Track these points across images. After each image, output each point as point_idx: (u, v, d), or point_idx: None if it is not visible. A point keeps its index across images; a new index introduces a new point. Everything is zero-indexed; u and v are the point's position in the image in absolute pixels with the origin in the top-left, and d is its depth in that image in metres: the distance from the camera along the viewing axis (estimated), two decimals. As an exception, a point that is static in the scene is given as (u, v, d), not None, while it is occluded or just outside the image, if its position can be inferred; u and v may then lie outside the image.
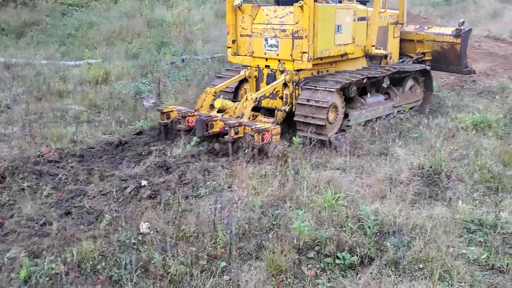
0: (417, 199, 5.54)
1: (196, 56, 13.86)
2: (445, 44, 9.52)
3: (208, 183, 5.86)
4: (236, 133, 6.70)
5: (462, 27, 9.25)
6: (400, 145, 7.21)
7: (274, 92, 7.73)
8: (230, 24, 8.04)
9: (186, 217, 4.96)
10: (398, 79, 8.77)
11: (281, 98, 7.69)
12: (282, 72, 7.58)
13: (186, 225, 4.76)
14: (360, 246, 4.39)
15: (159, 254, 4.17)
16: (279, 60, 7.61)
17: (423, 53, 9.80)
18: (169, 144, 7.36)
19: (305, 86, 7.38)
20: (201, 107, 7.72)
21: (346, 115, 7.55)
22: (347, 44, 7.80)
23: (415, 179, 5.99)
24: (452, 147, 6.87)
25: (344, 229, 4.69)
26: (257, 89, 7.91)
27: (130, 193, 5.74)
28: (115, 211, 5.24)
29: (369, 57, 8.72)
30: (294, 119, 7.33)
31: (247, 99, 7.22)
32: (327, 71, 8.01)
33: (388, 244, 4.47)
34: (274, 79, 7.70)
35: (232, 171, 6.14)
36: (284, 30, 7.49)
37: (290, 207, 5.19)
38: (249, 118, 7.32)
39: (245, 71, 8.05)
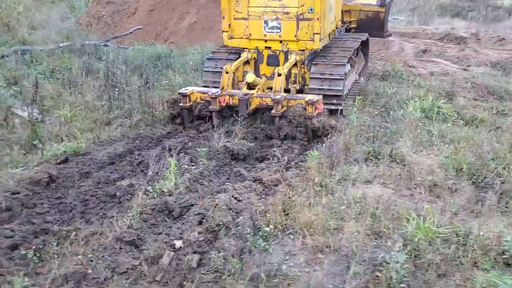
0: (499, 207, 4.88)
1: (38, 47, 11.25)
2: (370, 13, 10.62)
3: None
4: (282, 107, 6.93)
5: None
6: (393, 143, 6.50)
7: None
8: (225, 9, 8.01)
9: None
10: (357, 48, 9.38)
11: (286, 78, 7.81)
12: (285, 52, 7.86)
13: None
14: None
15: None
16: (281, 41, 7.86)
17: (350, 22, 10.63)
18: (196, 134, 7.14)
19: (316, 62, 7.81)
20: (226, 86, 7.47)
21: None
22: (333, 21, 8.62)
23: (456, 184, 5.34)
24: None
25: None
26: (256, 70, 8.09)
27: (170, 263, 3.75)
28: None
29: None
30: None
31: (279, 75, 7.33)
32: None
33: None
34: (276, 59, 7.98)
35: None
36: (287, 13, 7.72)
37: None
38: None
39: (247, 53, 8.08)
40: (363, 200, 4.77)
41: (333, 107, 7.56)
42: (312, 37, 7.60)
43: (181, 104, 7.35)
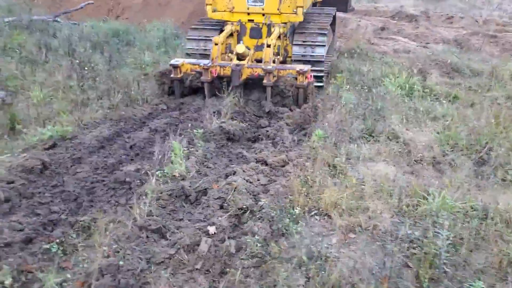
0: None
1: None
2: None
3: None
4: (274, 77, 7.13)
5: None
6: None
7: (260, 44, 8.17)
8: None
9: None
10: None
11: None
12: (268, 25, 8.10)
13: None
14: None
15: None
16: (263, 14, 8.06)
17: None
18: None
19: (298, 31, 8.20)
20: (216, 57, 7.49)
21: None
22: None
23: (455, 159, 5.53)
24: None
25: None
26: (238, 42, 7.97)
27: (209, 250, 3.63)
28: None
29: None
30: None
31: (268, 46, 7.46)
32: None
33: None
34: (259, 32, 8.19)
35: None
36: None
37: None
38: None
39: (230, 26, 8.14)
40: (377, 179, 4.82)
41: (315, 73, 7.81)
42: (295, 10, 7.88)
43: (172, 76, 7.40)
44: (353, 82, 8.27)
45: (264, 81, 7.06)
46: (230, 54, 7.94)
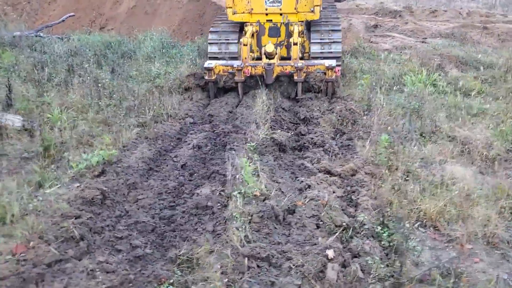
0: None
1: None
2: None
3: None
4: (304, 73, 7.57)
5: None
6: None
7: (279, 42, 8.61)
8: None
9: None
10: None
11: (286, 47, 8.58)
12: (286, 24, 8.47)
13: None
14: None
15: None
16: (281, 14, 8.41)
17: None
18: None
19: (314, 29, 8.52)
20: (246, 57, 7.82)
21: None
22: None
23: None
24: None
25: None
26: (258, 42, 8.55)
27: (337, 278, 3.34)
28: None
29: None
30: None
31: (295, 44, 7.79)
32: None
33: None
34: (277, 31, 8.55)
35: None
36: None
37: None
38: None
39: (251, 27, 8.43)
40: (460, 182, 4.65)
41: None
42: (312, 9, 8.32)
43: (206, 78, 7.82)
44: (378, 82, 8.10)
45: (295, 77, 7.55)
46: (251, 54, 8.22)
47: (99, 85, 7.52)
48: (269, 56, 7.83)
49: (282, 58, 8.28)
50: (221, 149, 5.84)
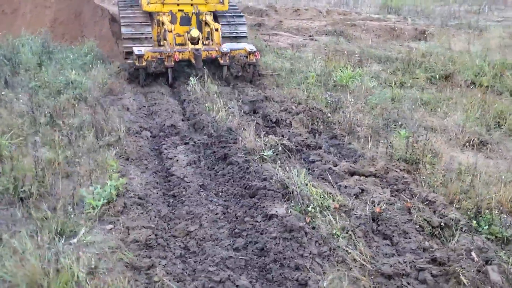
0: None
1: None
2: None
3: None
4: (228, 57, 8.15)
5: None
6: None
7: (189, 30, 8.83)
8: None
9: None
10: None
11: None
12: (196, 14, 9.04)
13: None
14: None
15: None
16: (191, 4, 8.98)
17: None
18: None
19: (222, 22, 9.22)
20: (172, 43, 8.17)
21: None
22: None
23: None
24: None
25: None
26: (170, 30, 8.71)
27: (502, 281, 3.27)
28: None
29: None
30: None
31: (217, 30, 8.54)
32: None
33: None
34: (189, 20, 9.10)
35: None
36: None
37: None
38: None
39: (162, 16, 8.81)
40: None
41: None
42: (221, 0, 9.05)
43: (137, 64, 7.86)
44: (319, 81, 8.14)
45: (221, 61, 8.15)
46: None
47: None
48: (192, 41, 8.29)
49: (192, 43, 8.52)
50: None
